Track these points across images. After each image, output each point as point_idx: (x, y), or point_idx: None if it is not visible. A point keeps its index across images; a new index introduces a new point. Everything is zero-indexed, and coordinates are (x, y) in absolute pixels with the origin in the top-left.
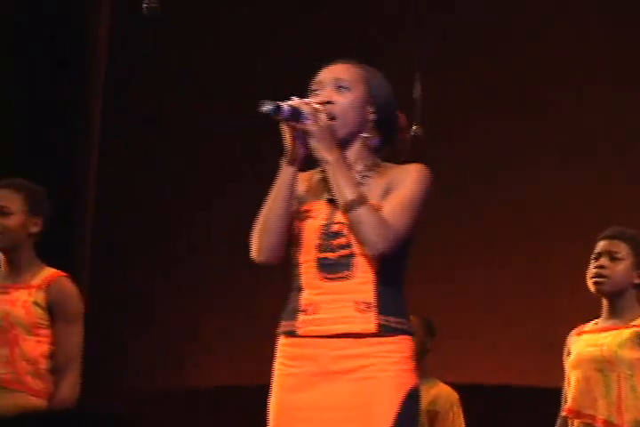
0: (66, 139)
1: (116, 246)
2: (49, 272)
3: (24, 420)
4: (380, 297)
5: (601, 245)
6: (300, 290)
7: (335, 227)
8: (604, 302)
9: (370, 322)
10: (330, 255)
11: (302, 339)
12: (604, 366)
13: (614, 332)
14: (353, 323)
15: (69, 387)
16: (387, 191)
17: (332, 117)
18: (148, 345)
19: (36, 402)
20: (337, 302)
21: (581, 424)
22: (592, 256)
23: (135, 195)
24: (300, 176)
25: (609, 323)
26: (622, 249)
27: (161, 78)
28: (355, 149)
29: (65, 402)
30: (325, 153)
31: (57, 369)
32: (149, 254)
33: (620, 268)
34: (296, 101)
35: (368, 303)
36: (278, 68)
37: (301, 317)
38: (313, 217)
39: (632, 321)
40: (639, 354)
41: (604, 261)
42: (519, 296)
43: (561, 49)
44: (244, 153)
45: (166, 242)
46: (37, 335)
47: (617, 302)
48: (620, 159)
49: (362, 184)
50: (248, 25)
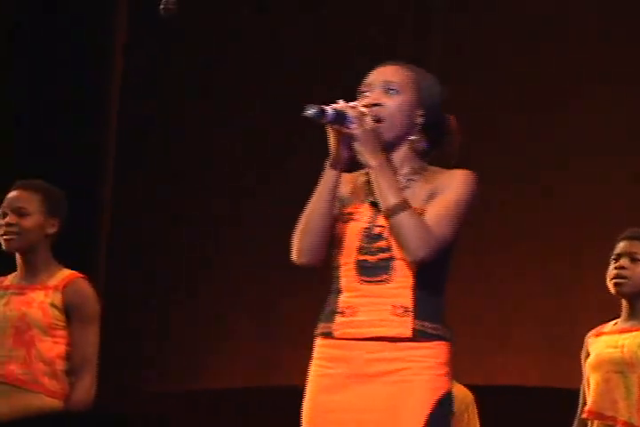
0: (66, 139)
1: (134, 247)
2: (66, 273)
3: (41, 421)
4: (418, 302)
5: (621, 246)
6: (339, 292)
7: (377, 229)
8: (624, 303)
9: (406, 327)
10: (369, 258)
11: (338, 341)
12: (624, 367)
13: (634, 333)
14: (389, 327)
15: (85, 388)
16: (431, 195)
17: (379, 120)
18: (167, 346)
19: (52, 403)
20: (374, 306)
21: (602, 426)
22: (612, 257)
23: (153, 195)
24: (345, 177)
25: (629, 324)
26: None
27: (174, 78)
28: (401, 152)
29: (81, 403)
30: (369, 157)
31: (73, 370)
32: (167, 255)
33: None
34: (341, 105)
35: (405, 308)
36: (278, 68)
37: (339, 319)
38: (356, 219)
39: None
40: None
41: (625, 262)
42: (532, 296)
43: (561, 49)
44: (271, 153)
45: (183, 242)
46: (54, 336)
47: (637, 303)
48: (620, 159)
49: (407, 187)
50: (248, 25)
